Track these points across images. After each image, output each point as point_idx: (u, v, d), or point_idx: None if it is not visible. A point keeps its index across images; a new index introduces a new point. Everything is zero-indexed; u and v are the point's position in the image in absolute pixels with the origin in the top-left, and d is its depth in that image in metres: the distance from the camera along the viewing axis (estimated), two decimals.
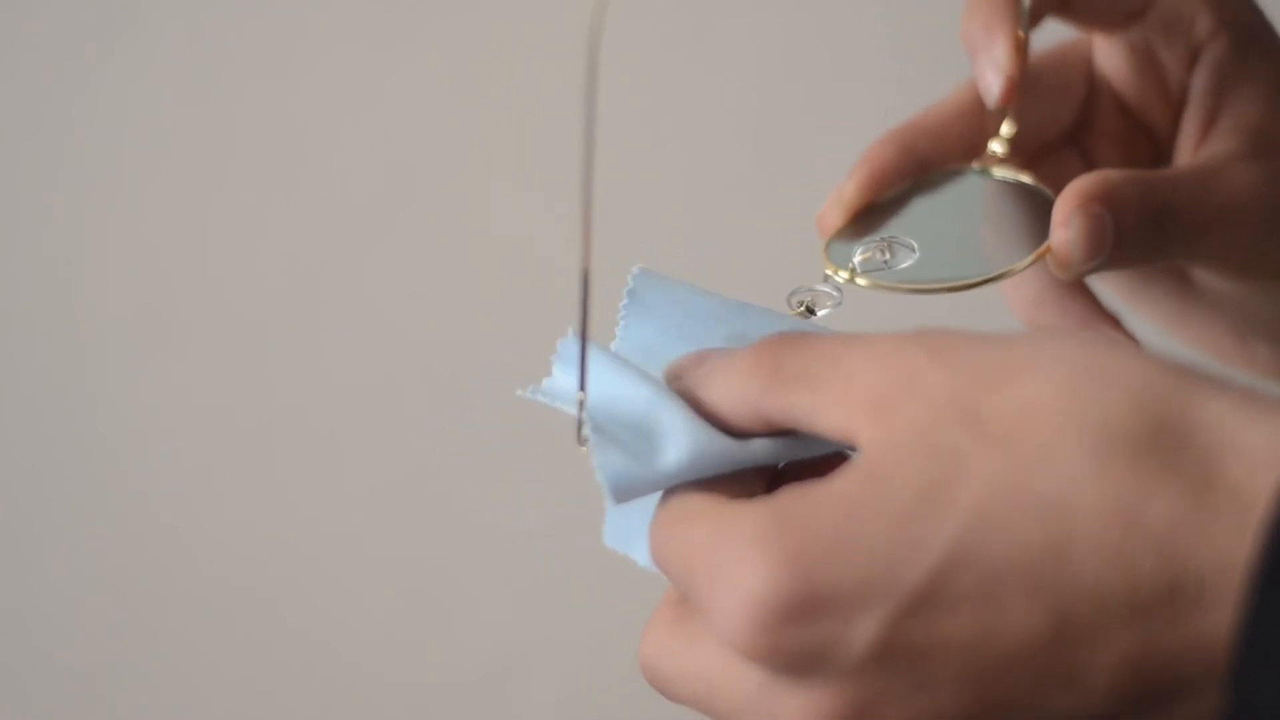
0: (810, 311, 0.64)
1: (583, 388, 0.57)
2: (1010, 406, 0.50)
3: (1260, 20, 0.72)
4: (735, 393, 0.55)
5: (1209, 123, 0.72)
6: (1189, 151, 0.72)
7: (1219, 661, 0.47)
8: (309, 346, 1.31)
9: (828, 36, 1.30)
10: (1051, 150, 0.75)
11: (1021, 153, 0.73)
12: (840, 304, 0.64)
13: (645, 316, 0.60)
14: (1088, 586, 0.48)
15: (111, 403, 1.30)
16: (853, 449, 0.53)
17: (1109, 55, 0.74)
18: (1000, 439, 0.49)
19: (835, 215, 0.70)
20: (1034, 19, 0.71)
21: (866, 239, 0.68)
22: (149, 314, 1.30)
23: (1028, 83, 0.72)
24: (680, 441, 0.55)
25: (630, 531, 0.60)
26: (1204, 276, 0.73)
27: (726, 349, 0.58)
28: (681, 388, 0.57)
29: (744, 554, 0.51)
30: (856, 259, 0.64)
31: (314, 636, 1.33)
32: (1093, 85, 0.74)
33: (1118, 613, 0.48)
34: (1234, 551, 0.47)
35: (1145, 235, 0.67)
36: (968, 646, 0.49)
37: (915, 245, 0.68)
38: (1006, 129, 0.72)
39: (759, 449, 0.55)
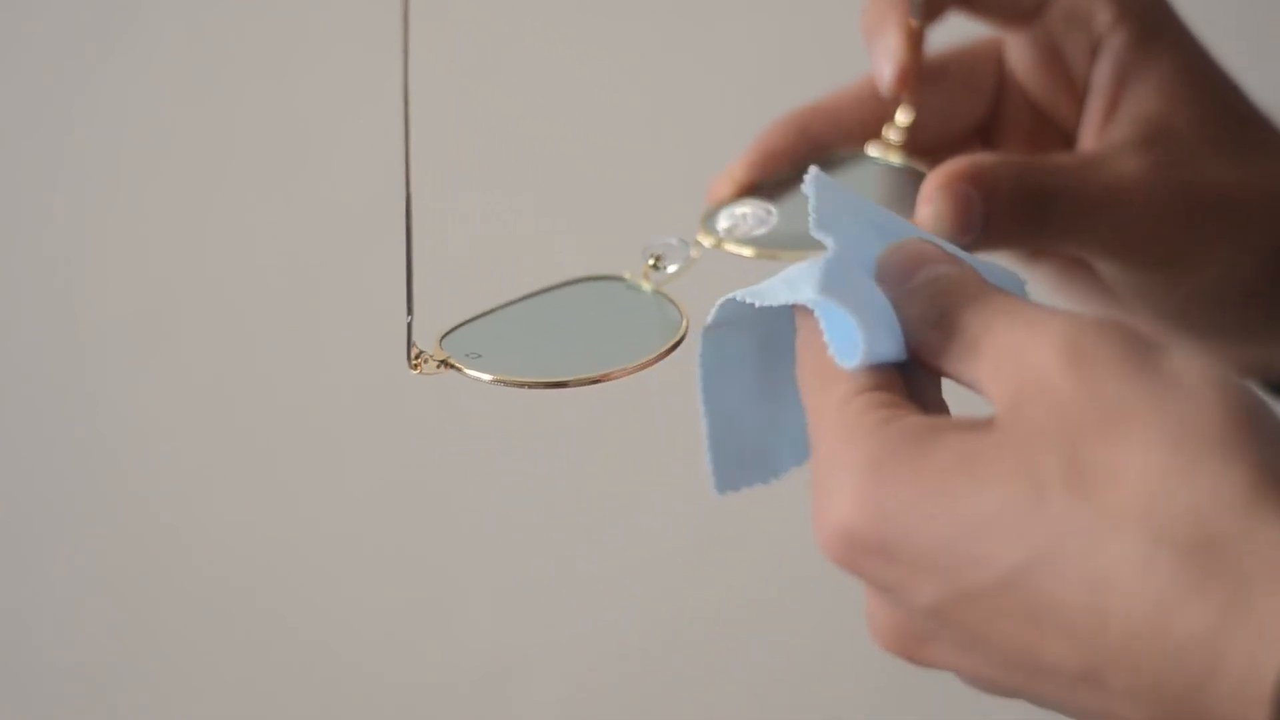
0: (657, 266, 0.67)
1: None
2: (1103, 464, 0.51)
3: (1163, 9, 0.73)
4: (914, 331, 0.57)
5: (1109, 113, 0.72)
6: (1090, 142, 0.73)
7: None
8: (308, 346, 1.31)
9: (828, 36, 1.30)
10: (957, 144, 0.75)
11: (927, 145, 0.74)
12: (687, 262, 0.66)
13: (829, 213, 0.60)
14: (1116, 668, 0.50)
15: (111, 402, 1.30)
16: None
17: (1016, 50, 0.74)
18: (1081, 495, 0.51)
19: (723, 189, 0.72)
20: (934, 12, 0.72)
21: (730, 207, 0.70)
22: (148, 314, 1.30)
23: (933, 75, 0.73)
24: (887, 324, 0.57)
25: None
26: (1103, 268, 0.73)
27: (930, 266, 0.58)
28: (886, 290, 0.58)
29: (847, 484, 0.54)
30: (720, 226, 0.66)
31: (313, 636, 1.33)
32: (1003, 80, 0.75)
33: (1139, 701, 0.50)
34: (1253, 686, 0.48)
35: (1022, 216, 0.68)
36: (1011, 651, 0.52)
37: (774, 211, 0.70)
38: (902, 116, 0.73)
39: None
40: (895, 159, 0.73)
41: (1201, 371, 0.52)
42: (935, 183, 0.68)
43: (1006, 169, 0.68)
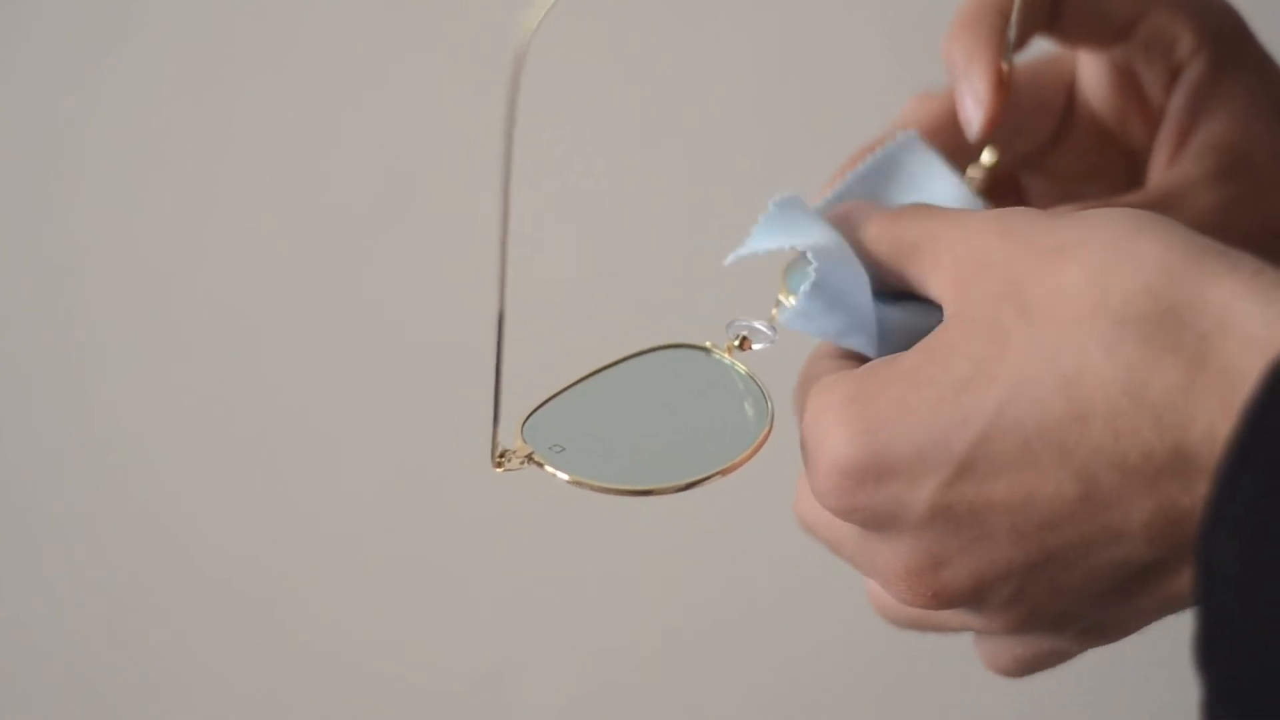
0: (743, 345, 0.65)
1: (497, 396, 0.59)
2: (1052, 287, 0.56)
3: (1242, 38, 0.73)
4: (871, 245, 0.63)
5: (1182, 141, 0.72)
6: (1161, 168, 0.73)
7: None
8: (307, 347, 1.31)
9: (828, 36, 1.30)
10: (1021, 161, 0.76)
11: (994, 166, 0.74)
12: (774, 343, 0.65)
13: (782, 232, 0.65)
14: (1106, 454, 0.54)
15: (110, 403, 1.30)
16: None
17: (1091, 72, 0.74)
18: (1038, 318, 0.55)
19: None
20: (1021, 40, 0.71)
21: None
22: (147, 315, 1.30)
23: (1008, 101, 0.73)
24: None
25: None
26: None
27: (880, 206, 0.65)
28: (845, 226, 0.64)
29: (829, 425, 0.58)
30: (802, 289, 0.64)
31: (312, 638, 1.33)
32: (1071, 101, 0.75)
33: (1136, 478, 0.54)
34: (1219, 427, 0.52)
35: None
36: (1014, 507, 0.55)
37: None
38: (987, 157, 0.72)
39: (892, 320, 0.63)
40: (980, 202, 0.71)
41: (1109, 209, 0.57)
42: None
43: None
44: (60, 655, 1.32)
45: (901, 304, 0.63)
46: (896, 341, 0.63)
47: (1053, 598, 0.57)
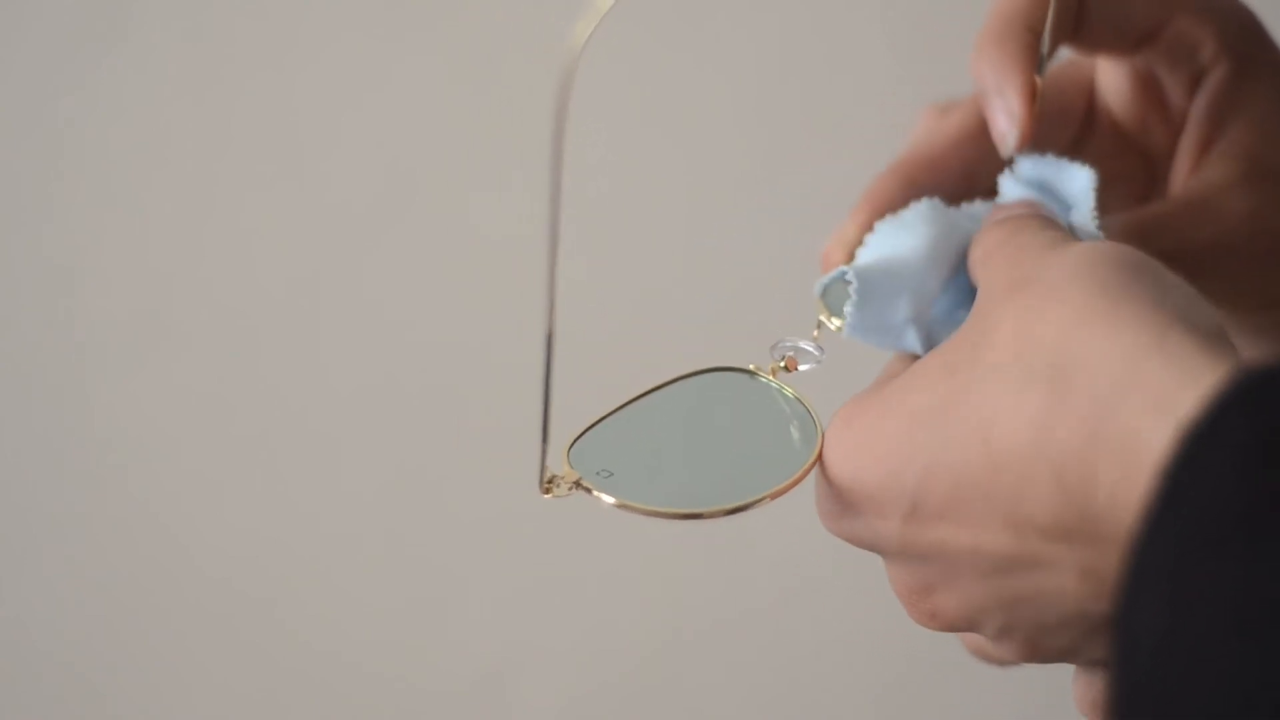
0: (789, 368, 0.65)
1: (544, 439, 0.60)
2: (991, 324, 0.55)
3: (1263, 44, 0.73)
4: (970, 265, 0.62)
5: (1205, 147, 0.72)
6: (1184, 174, 0.72)
7: None
8: (307, 347, 1.31)
9: (828, 36, 1.30)
10: None
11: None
12: (821, 362, 0.65)
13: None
14: (1024, 509, 0.53)
15: (110, 403, 1.30)
16: None
17: (1112, 78, 0.74)
18: (977, 358, 0.55)
19: (838, 254, 0.70)
20: (1050, 53, 0.71)
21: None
22: (147, 315, 1.30)
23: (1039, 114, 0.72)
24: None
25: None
26: None
27: (1015, 213, 0.64)
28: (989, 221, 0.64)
29: (827, 445, 0.58)
30: (849, 308, 0.64)
31: (312, 638, 1.33)
32: (1091, 107, 0.75)
33: (1051, 537, 0.53)
34: (1122, 494, 0.51)
35: None
36: (966, 551, 0.55)
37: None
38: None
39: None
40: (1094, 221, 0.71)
41: (1080, 246, 0.56)
42: None
43: (1127, 239, 0.68)
44: (60, 655, 1.32)
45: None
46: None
47: (1042, 634, 0.56)
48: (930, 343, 0.64)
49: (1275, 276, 0.71)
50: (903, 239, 0.64)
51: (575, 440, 0.63)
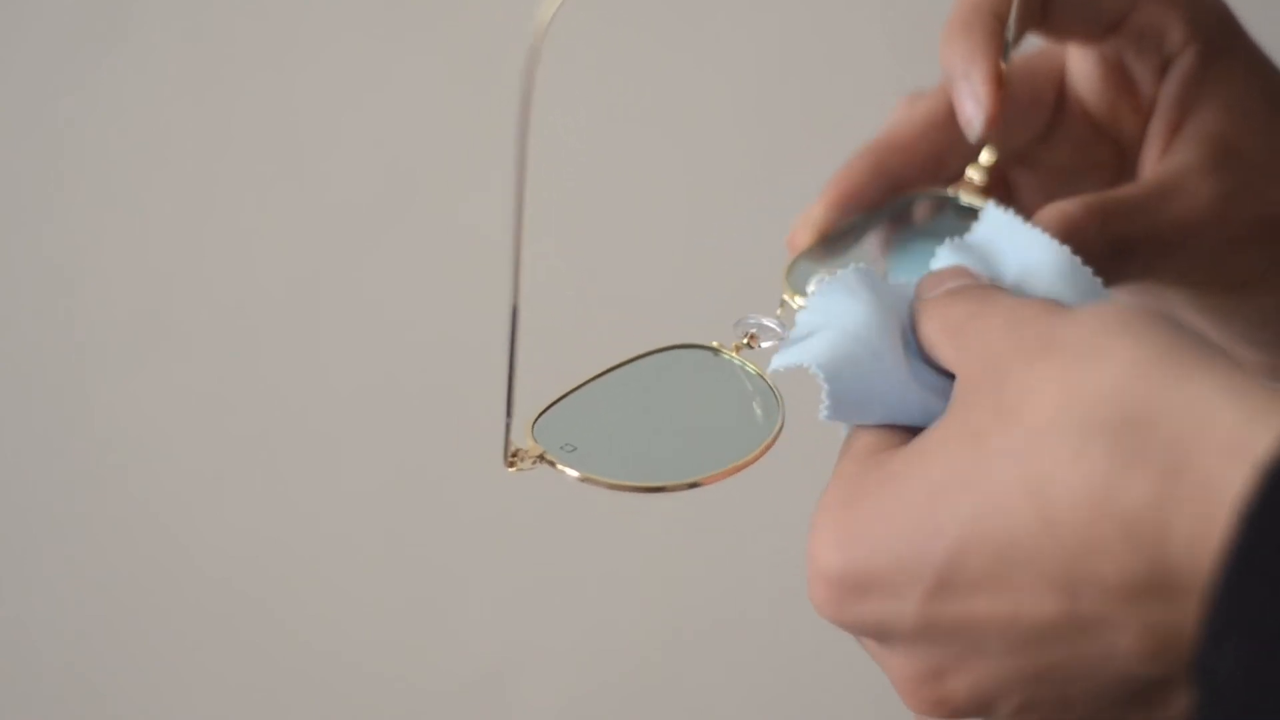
0: (751, 344, 0.65)
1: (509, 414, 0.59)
2: (1024, 387, 0.53)
3: (1232, 30, 0.72)
4: (919, 325, 0.60)
5: (1173, 131, 0.72)
6: (1154, 160, 0.72)
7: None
8: (307, 347, 1.31)
9: (828, 36, 1.30)
10: (1014, 155, 0.75)
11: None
12: (783, 339, 0.64)
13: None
14: (1081, 569, 0.51)
15: (110, 403, 1.30)
16: None
17: (1081, 65, 0.74)
18: (1010, 421, 0.53)
19: (804, 236, 0.70)
20: (1015, 39, 0.71)
21: (826, 264, 0.68)
22: (147, 315, 1.30)
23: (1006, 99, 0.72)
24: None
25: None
26: (1173, 293, 0.73)
27: (956, 283, 0.62)
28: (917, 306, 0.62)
29: (822, 527, 0.55)
30: (811, 288, 0.64)
31: (312, 638, 1.33)
32: (1061, 95, 0.75)
33: (1115, 595, 0.51)
34: (1200, 541, 0.49)
35: (1107, 268, 0.68)
36: (1000, 623, 0.52)
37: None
38: (986, 157, 0.72)
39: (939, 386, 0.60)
40: (979, 201, 0.71)
41: (1093, 307, 0.55)
42: None
43: (1090, 219, 0.68)
44: (60, 655, 1.32)
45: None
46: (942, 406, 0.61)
47: (1063, 710, 0.54)
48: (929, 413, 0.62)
49: (1242, 259, 0.71)
50: (844, 303, 0.62)
51: (539, 416, 0.63)
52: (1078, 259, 0.63)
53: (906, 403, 0.60)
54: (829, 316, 0.61)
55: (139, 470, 1.31)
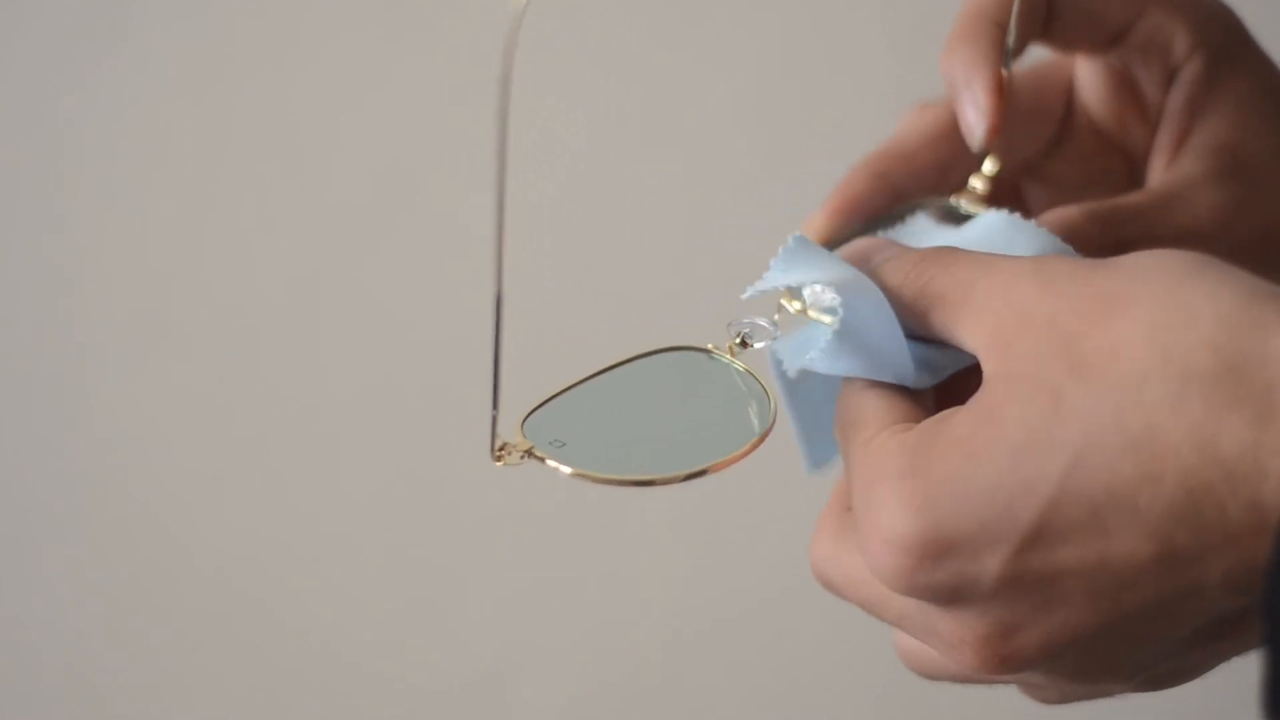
0: (744, 344, 0.65)
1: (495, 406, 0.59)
2: (1105, 344, 0.54)
3: (1239, 39, 0.72)
4: (894, 292, 0.60)
5: (1180, 141, 0.72)
6: (1161, 170, 0.72)
7: None
8: (307, 346, 1.31)
9: (828, 36, 1.30)
10: (1022, 167, 0.75)
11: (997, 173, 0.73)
12: (776, 339, 0.64)
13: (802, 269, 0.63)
14: (1180, 513, 0.52)
15: (110, 403, 1.30)
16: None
17: (1088, 76, 0.74)
18: (1095, 377, 0.54)
19: None
20: (1018, 49, 0.71)
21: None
22: (147, 315, 1.30)
23: (1008, 109, 0.72)
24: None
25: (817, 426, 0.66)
26: None
27: (901, 246, 0.63)
28: (866, 267, 0.62)
29: (887, 496, 0.56)
30: (807, 293, 0.64)
31: (312, 638, 1.33)
32: (1069, 106, 0.75)
33: (1213, 534, 0.52)
34: None
35: None
36: (1088, 571, 0.54)
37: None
38: (989, 166, 0.72)
39: (920, 355, 0.61)
40: (981, 210, 0.71)
41: (1139, 256, 0.56)
42: None
43: (1092, 223, 0.68)
44: (60, 655, 1.32)
45: (926, 344, 0.61)
46: (927, 376, 0.61)
47: (1130, 652, 0.56)
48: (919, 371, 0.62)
49: (1248, 270, 0.71)
50: (834, 267, 0.62)
51: (530, 413, 0.63)
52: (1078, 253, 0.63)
53: (897, 357, 0.60)
54: (814, 266, 0.62)
55: (139, 470, 1.31)
